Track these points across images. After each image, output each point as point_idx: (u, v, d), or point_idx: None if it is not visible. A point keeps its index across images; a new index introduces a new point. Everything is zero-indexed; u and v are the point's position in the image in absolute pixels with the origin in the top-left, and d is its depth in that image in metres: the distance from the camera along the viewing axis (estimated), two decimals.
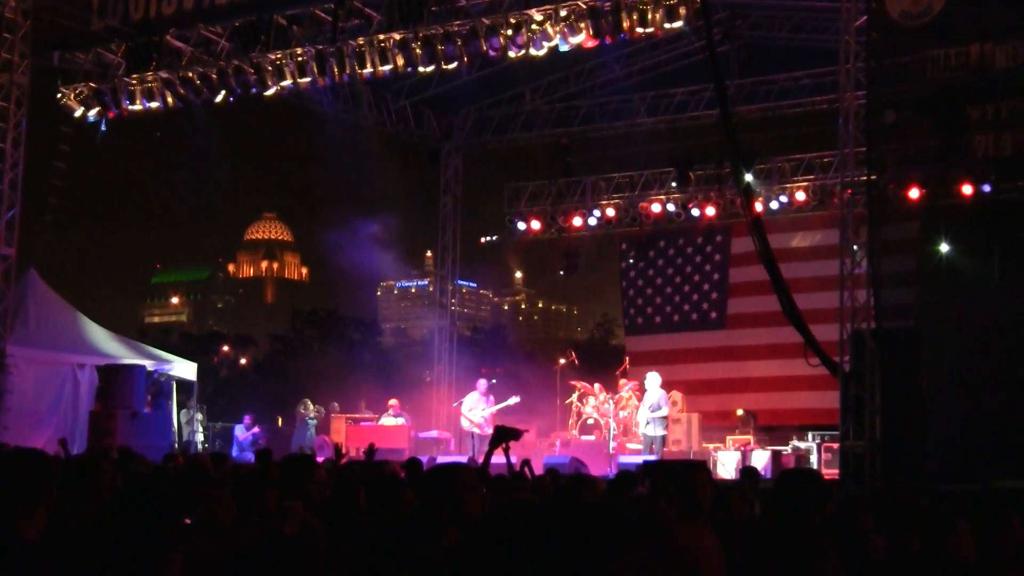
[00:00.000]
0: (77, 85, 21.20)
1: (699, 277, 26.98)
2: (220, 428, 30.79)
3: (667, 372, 23.39)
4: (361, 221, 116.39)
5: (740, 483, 11.47)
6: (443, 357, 27.50)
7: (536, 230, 26.91)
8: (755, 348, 25.68)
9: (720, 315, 26.62)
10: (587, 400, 23.73)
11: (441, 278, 28.43)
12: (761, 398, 25.26)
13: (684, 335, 26.97)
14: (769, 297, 19.06)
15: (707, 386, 25.90)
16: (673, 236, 27.22)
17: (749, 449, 21.60)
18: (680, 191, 25.44)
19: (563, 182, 26.51)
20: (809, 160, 24.44)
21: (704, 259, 26.92)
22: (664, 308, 27.39)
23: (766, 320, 24.40)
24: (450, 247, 27.65)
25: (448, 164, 27.40)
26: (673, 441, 22.41)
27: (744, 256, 25.08)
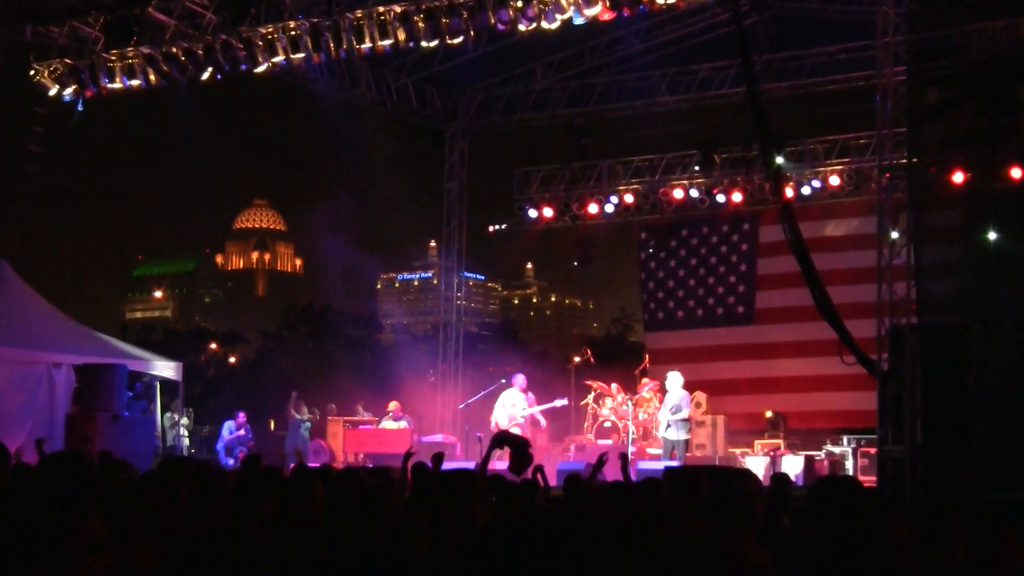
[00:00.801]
0: (51, 61, 21.17)
1: (725, 268, 26.95)
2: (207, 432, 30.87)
3: (690, 371, 23.37)
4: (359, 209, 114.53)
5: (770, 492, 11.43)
6: (448, 355, 27.53)
7: (548, 218, 26.90)
8: (785, 345, 25.66)
9: (747, 310, 26.61)
10: (604, 401, 23.73)
11: (446, 270, 28.43)
12: (792, 399, 25.23)
13: (708, 331, 26.95)
14: (800, 290, 19.02)
15: (733, 386, 25.88)
16: (696, 224, 27.19)
17: (779, 454, 21.60)
18: (704, 175, 25.40)
19: (577, 166, 26.49)
20: (844, 142, 24.38)
21: (730, 249, 26.89)
22: (687, 302, 27.37)
23: (797, 315, 24.35)
24: (455, 236, 27.65)
25: (453, 147, 27.39)
26: (697, 445, 22.40)
27: (773, 246, 25.03)
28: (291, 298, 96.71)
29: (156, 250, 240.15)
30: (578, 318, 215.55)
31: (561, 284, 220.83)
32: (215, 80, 20.29)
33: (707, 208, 25.84)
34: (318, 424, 25.54)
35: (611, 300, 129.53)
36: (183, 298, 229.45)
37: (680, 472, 14.75)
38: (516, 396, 21.30)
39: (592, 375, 25.34)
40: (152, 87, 20.63)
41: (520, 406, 21.26)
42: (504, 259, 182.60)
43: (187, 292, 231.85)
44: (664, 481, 11.81)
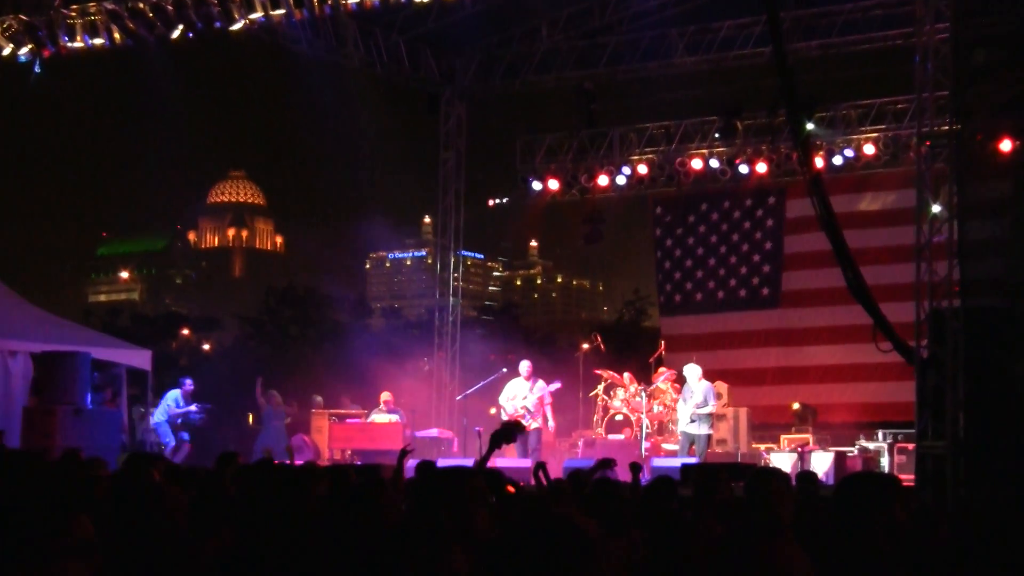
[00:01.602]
0: (5, 18, 21.10)
1: (748, 247, 26.96)
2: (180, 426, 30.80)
3: (710, 359, 23.40)
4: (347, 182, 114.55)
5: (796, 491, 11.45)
6: (444, 342, 27.54)
7: (554, 191, 26.89)
8: (815, 331, 25.68)
9: (773, 292, 26.62)
10: (615, 392, 23.76)
11: (442, 248, 28.43)
12: (822, 390, 25.27)
13: (730, 315, 26.97)
14: (831, 270, 19.00)
15: (757, 376, 25.91)
16: (717, 198, 27.19)
17: (807, 450, 21.62)
18: (725, 144, 25.38)
19: (586, 134, 26.46)
20: (880, 106, 24.34)
21: (754, 225, 26.89)
22: (706, 283, 27.38)
23: (828, 297, 24.36)
24: (452, 211, 27.64)
25: (450, 113, 27.35)
26: (717, 441, 22.44)
27: (802, 221, 25.02)
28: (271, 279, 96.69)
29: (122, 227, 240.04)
30: (587, 301, 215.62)
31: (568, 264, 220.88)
32: (186, 39, 20.22)
33: (729, 180, 25.81)
34: (301, 418, 25.56)
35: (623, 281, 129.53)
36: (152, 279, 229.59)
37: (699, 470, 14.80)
38: (520, 386, 21.24)
39: (602, 364, 25.36)
40: (117, 46, 20.56)
41: (521, 395, 21.16)
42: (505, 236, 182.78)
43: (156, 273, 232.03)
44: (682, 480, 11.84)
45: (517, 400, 20.99)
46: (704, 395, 20.61)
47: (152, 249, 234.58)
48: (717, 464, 18.75)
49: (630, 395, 23.42)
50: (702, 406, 20.52)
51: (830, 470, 20.33)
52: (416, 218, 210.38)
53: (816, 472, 16.77)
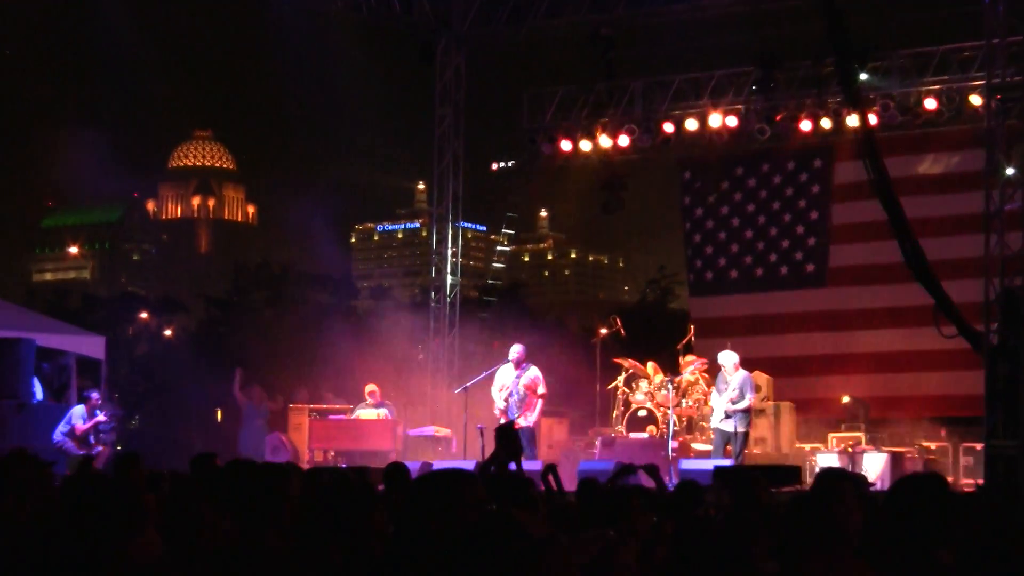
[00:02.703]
0: None
1: (790, 216, 26.92)
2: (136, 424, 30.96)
3: (747, 346, 23.36)
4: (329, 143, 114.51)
5: None
6: (441, 326, 27.55)
7: (567, 152, 26.85)
8: (867, 313, 25.65)
9: (819, 268, 26.58)
10: (638, 384, 23.76)
11: (438, 218, 28.41)
12: (876, 381, 25.25)
13: (770, 296, 26.95)
14: (886, 243, 19.00)
15: (801, 365, 25.90)
16: (754, 160, 27.14)
17: (859, 450, 21.63)
18: (764, 99, 25.31)
19: (603, 87, 26.40)
20: (943, 54, 24.25)
21: (797, 192, 26.84)
22: (742, 259, 27.35)
23: (882, 275, 24.32)
24: (449, 176, 27.61)
25: (447, 63, 27.31)
26: (756, 440, 22.44)
27: (852, 187, 24.97)
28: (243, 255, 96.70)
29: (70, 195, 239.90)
30: (605, 279, 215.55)
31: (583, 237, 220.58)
32: None
33: (768, 140, 25.75)
34: (278, 414, 25.60)
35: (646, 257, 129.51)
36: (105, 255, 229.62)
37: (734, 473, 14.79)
38: (506, 374, 21.14)
39: (623, 351, 25.36)
40: None
41: (507, 384, 21.02)
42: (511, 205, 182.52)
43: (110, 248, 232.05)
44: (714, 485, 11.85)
45: (504, 391, 20.90)
46: (740, 387, 20.53)
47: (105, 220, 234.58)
48: (755, 466, 18.76)
49: (654, 387, 23.40)
50: (738, 400, 20.45)
51: (885, 473, 20.33)
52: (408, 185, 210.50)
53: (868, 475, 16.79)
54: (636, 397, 23.56)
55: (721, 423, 20.61)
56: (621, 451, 21.44)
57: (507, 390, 20.81)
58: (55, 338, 24.21)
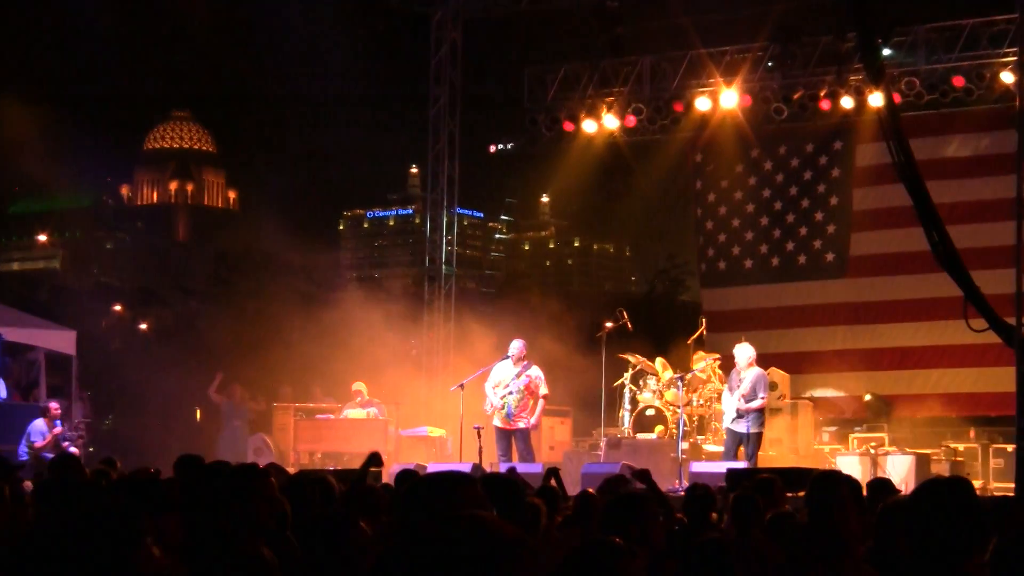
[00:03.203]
0: None
1: (809, 202, 26.91)
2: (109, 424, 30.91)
3: (762, 340, 23.37)
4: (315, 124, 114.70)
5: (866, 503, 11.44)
6: (435, 320, 27.55)
7: (570, 133, 26.83)
8: (891, 305, 25.65)
9: (840, 257, 26.57)
10: (646, 382, 23.75)
11: (432, 204, 28.41)
12: (900, 378, 25.27)
13: (787, 287, 26.95)
14: (912, 230, 18.99)
15: (820, 361, 25.90)
16: (771, 142, 27.13)
17: (882, 452, 21.64)
18: (781, 76, 25.30)
19: (609, 64, 26.39)
20: (972, 28, 24.23)
21: (817, 175, 26.83)
22: (757, 247, 27.35)
23: (907, 264, 24.33)
24: (445, 159, 27.60)
25: (442, 38, 27.28)
26: (772, 441, 22.43)
27: (875, 171, 24.96)
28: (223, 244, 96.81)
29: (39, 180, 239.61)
30: (610, 269, 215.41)
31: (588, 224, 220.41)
32: None
33: (785, 120, 25.74)
34: (262, 414, 25.63)
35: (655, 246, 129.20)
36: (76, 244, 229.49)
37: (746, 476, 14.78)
38: (505, 370, 21.05)
39: (630, 346, 25.32)
40: None
41: (505, 382, 20.95)
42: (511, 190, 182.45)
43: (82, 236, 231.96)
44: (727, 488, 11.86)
45: (500, 388, 20.83)
46: (753, 384, 20.34)
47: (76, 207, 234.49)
48: (770, 470, 18.75)
49: (663, 385, 23.39)
50: (750, 398, 20.31)
51: (909, 476, 20.31)
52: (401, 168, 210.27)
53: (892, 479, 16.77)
54: (644, 395, 23.55)
55: (733, 423, 20.47)
56: (628, 453, 21.45)
57: (504, 388, 20.76)
58: (23, 332, 24.24)
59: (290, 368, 31.79)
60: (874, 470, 20.27)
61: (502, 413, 20.65)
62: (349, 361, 26.63)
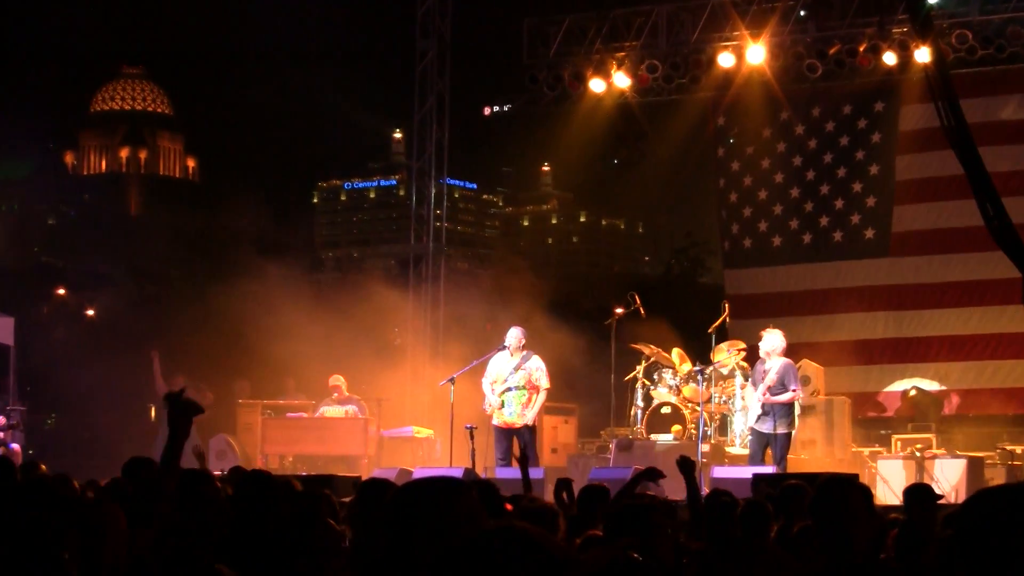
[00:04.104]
0: None
1: (846, 171, 26.90)
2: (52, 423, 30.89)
3: (793, 328, 23.35)
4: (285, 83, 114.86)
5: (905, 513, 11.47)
6: (423, 304, 27.56)
7: (575, 94, 26.82)
8: (939, 288, 25.64)
9: (881, 234, 26.57)
10: (661, 375, 23.77)
11: (418, 174, 28.40)
12: (951, 371, 25.28)
13: (821, 267, 26.95)
14: (963, 203, 19.00)
15: (860, 351, 25.92)
16: (803, 103, 27.12)
17: (929, 455, 21.63)
18: (815, 28, 25.29)
19: (620, 14, 26.38)
20: None
21: (855, 141, 26.82)
22: (787, 223, 27.35)
23: (958, 241, 24.34)
24: (433, 123, 27.59)
25: None
26: (803, 443, 22.44)
27: (921, 136, 24.96)
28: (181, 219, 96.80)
29: None
30: (620, 248, 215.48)
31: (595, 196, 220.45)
32: None
33: (819, 78, 25.75)
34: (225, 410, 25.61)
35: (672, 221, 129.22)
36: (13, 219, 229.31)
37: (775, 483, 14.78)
38: (503, 363, 21.04)
39: (643, 335, 25.34)
40: None
41: (504, 376, 20.94)
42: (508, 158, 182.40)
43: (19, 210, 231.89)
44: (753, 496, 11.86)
45: (498, 384, 20.81)
46: (781, 375, 20.17)
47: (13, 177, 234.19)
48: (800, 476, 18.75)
49: (681, 379, 23.41)
50: (778, 391, 20.20)
51: (961, 483, 20.33)
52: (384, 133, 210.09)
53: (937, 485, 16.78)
54: (659, 391, 23.57)
55: (758, 423, 20.35)
56: (641, 456, 21.43)
57: (503, 384, 20.76)
58: None
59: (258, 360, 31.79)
60: (920, 476, 20.27)
61: (503, 412, 20.64)
62: (325, 352, 26.64)
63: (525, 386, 20.70)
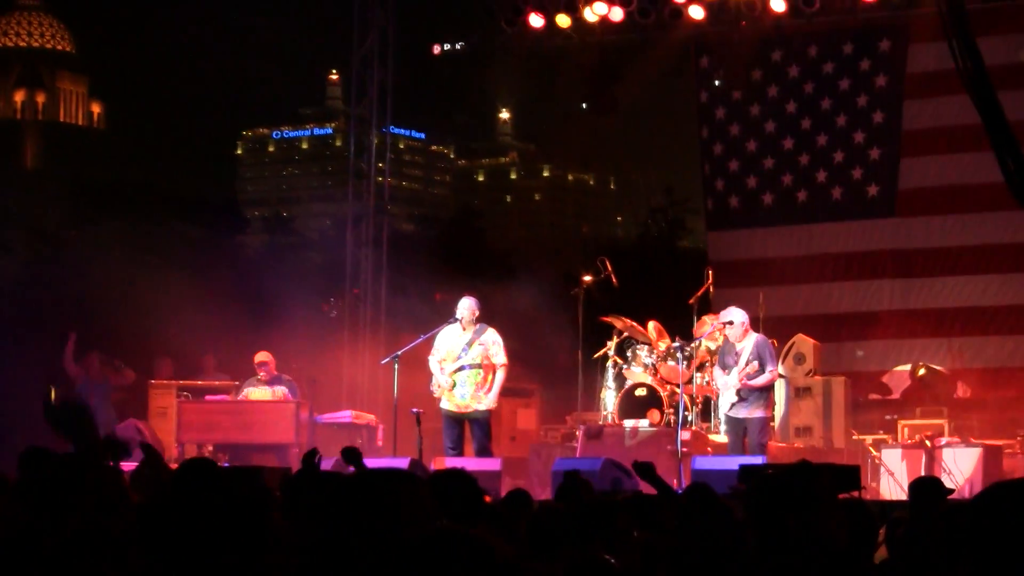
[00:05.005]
0: None
1: (847, 119, 26.96)
2: None
3: (786, 298, 23.47)
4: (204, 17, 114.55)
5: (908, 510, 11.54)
6: (363, 272, 27.55)
7: (538, 30, 26.80)
8: (953, 253, 25.73)
9: (886, 191, 26.64)
10: (635, 353, 23.78)
11: (358, 122, 28.37)
12: (965, 347, 25.38)
13: (818, 230, 27.02)
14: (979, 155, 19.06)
15: (862, 324, 26.00)
16: (797, 42, 27.18)
17: (940, 443, 21.69)
18: None
19: None
20: None
21: (857, 84, 26.89)
22: (779, 178, 27.40)
23: (973, 199, 24.42)
24: (375, 63, 27.56)
25: None
26: (798, 429, 22.51)
27: (934, 78, 25.02)
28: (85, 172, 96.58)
29: None
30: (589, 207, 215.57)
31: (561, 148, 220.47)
32: None
33: (816, 12, 25.80)
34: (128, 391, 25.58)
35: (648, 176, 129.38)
36: None
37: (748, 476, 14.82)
38: (453, 338, 21.03)
39: (614, 305, 25.38)
40: None
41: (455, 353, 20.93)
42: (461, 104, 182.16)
43: None
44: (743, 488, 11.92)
45: (449, 362, 20.80)
46: (757, 354, 20.29)
47: None
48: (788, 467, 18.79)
49: (658, 357, 23.43)
50: (754, 373, 20.29)
51: (976, 475, 20.39)
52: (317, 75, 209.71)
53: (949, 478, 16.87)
54: (633, 370, 23.58)
55: (733, 410, 20.47)
56: (612, 445, 21.47)
57: (455, 362, 20.77)
58: None
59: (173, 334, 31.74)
60: (930, 466, 20.35)
61: (454, 395, 20.63)
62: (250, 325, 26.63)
63: (480, 364, 20.69)
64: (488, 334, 20.77)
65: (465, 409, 20.53)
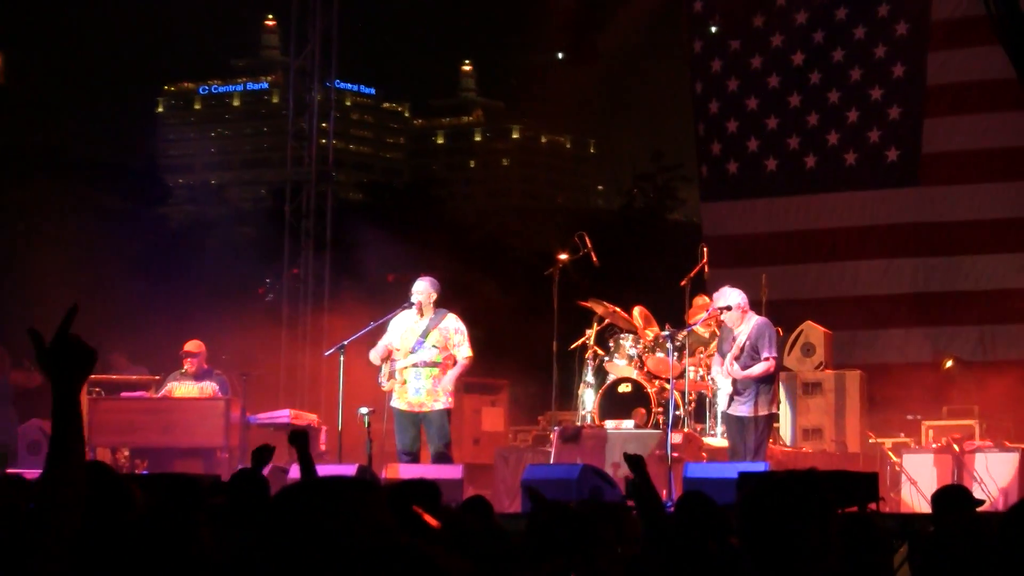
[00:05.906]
0: None
1: (862, 74, 27.02)
2: None
3: (792, 280, 23.52)
4: None
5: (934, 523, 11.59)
6: (303, 250, 27.58)
7: None
8: (983, 227, 25.80)
9: (908, 156, 26.69)
10: (618, 342, 23.83)
11: (298, 75, 28.40)
12: (999, 335, 25.45)
13: (829, 200, 27.08)
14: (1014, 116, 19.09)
15: (881, 310, 26.06)
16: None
17: (970, 448, 21.76)
18: None
19: None
20: None
21: (873, 34, 26.93)
22: (784, 141, 27.44)
23: (1008, 166, 24.49)
24: (318, 8, 27.58)
25: None
26: (808, 431, 22.56)
27: (960, 26, 25.09)
28: None
29: None
30: (567, 174, 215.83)
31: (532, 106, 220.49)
32: None
33: None
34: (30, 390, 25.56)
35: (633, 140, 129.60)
36: None
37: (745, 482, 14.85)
38: (408, 325, 20.96)
39: (595, 288, 25.43)
40: None
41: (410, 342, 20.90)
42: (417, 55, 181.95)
43: None
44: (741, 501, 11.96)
45: (401, 354, 20.75)
46: (753, 338, 20.10)
47: None
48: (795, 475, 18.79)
49: (646, 347, 23.48)
50: (750, 360, 20.12)
51: (1012, 484, 20.45)
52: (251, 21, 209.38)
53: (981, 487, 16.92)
54: (616, 363, 23.61)
55: (732, 406, 20.39)
56: (592, 449, 21.50)
57: (409, 355, 20.75)
58: None
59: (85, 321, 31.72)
60: (958, 475, 20.41)
61: (407, 391, 20.61)
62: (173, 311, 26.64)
63: (439, 356, 20.67)
64: (448, 320, 20.67)
65: (420, 408, 20.45)
